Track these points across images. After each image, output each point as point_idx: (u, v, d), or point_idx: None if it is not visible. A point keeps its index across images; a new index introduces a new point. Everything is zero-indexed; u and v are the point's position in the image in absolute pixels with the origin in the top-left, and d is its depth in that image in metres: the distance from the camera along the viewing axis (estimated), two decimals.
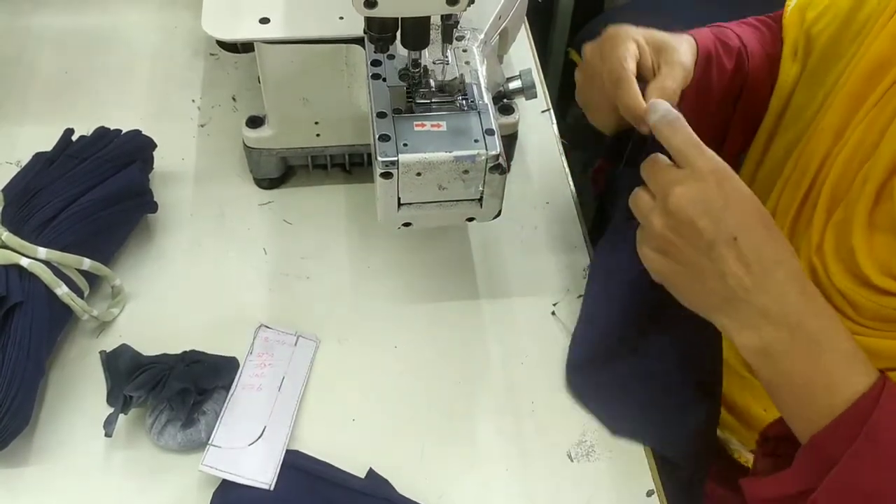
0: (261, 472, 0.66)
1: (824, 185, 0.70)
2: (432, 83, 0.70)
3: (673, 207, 0.57)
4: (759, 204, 0.57)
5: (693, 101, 0.73)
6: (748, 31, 0.81)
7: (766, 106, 0.80)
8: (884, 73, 0.67)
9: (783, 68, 0.79)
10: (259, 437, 0.68)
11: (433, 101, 0.70)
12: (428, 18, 0.65)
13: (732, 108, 0.80)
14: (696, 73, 0.71)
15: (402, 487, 0.68)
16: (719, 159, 0.58)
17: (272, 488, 0.66)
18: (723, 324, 0.58)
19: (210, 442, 0.68)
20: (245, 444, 0.68)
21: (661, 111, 0.62)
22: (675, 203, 0.57)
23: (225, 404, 0.70)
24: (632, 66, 0.68)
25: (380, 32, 0.66)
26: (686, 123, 0.60)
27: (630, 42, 0.69)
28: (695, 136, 0.59)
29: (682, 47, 0.71)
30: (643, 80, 0.68)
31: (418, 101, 0.70)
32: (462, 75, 0.71)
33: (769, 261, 0.55)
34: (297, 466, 0.68)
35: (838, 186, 0.69)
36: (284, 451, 0.68)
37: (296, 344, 0.76)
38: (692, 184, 0.57)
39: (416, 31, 0.66)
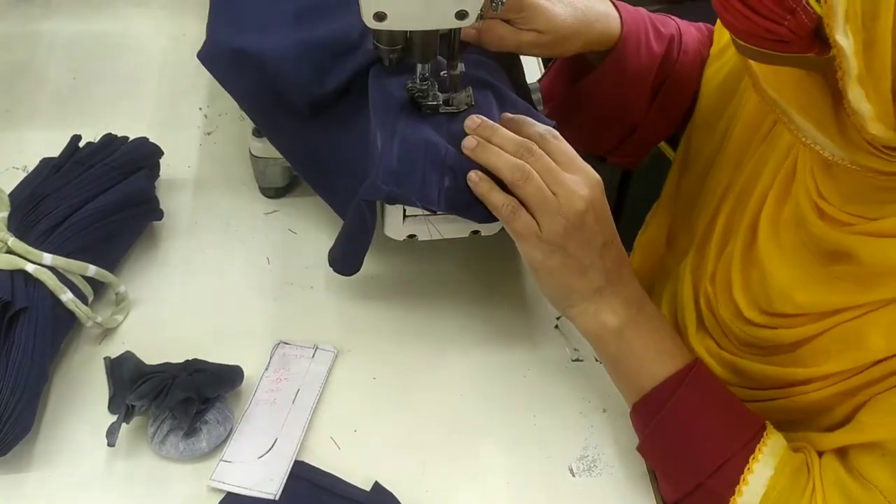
0: (267, 482, 0.66)
1: (721, 215, 0.72)
2: (439, 95, 0.71)
3: (580, 209, 0.63)
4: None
5: (612, 74, 0.76)
6: (691, 29, 0.81)
7: (691, 102, 0.80)
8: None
9: (707, 68, 0.79)
10: (269, 450, 0.68)
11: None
12: (436, 32, 0.66)
13: (655, 93, 0.80)
14: (619, 45, 0.75)
15: (403, 500, 0.68)
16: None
17: (277, 499, 0.66)
18: (585, 309, 0.67)
19: (221, 458, 0.67)
20: (255, 458, 0.68)
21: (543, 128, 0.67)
22: (580, 206, 0.63)
23: (238, 422, 0.70)
24: None
25: (388, 45, 0.66)
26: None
27: None
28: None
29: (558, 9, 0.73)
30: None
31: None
32: (469, 88, 0.71)
33: (623, 259, 0.67)
34: (302, 478, 0.67)
35: (731, 219, 0.71)
36: (292, 463, 0.68)
37: (313, 356, 0.75)
38: (589, 191, 0.64)
39: (424, 45, 0.66)
